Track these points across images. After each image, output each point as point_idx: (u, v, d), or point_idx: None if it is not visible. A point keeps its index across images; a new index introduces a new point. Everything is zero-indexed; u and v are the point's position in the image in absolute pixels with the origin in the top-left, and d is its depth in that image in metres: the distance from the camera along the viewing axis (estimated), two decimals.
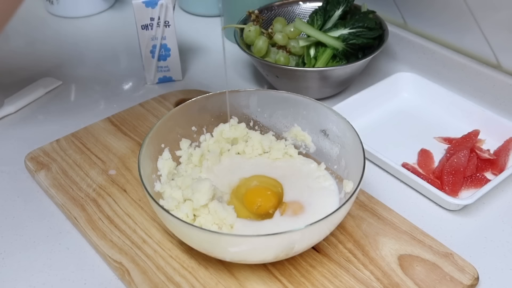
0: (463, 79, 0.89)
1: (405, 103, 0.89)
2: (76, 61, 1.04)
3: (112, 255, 0.64)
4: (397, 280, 0.61)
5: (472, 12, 0.85)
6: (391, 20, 0.98)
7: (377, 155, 0.76)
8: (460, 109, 0.84)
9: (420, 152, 0.79)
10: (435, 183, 0.72)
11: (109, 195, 0.72)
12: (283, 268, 0.62)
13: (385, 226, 0.67)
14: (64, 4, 1.15)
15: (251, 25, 0.91)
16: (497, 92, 0.85)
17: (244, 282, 0.61)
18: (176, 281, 0.61)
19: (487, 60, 0.87)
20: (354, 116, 0.74)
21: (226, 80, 0.83)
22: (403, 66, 0.96)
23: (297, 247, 0.58)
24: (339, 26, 0.88)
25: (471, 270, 0.62)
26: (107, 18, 1.18)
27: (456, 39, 0.91)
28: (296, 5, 0.99)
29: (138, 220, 0.69)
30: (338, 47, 0.87)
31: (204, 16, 1.16)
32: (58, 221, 0.71)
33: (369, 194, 0.71)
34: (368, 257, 0.63)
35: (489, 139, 0.80)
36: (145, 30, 0.90)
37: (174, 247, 0.65)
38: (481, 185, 0.72)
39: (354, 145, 0.65)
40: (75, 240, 0.68)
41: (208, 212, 0.62)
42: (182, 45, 1.05)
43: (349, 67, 0.85)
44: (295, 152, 0.73)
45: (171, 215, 0.57)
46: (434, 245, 0.64)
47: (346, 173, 0.67)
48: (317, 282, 0.61)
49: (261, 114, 0.74)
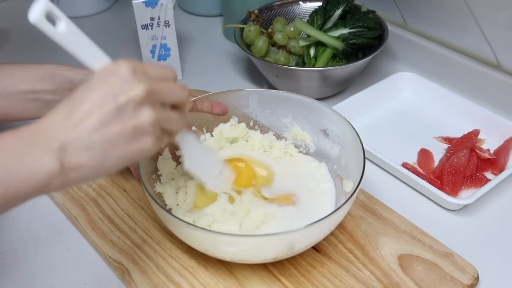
0: (463, 79, 0.89)
1: (405, 103, 0.89)
2: (76, 61, 1.04)
3: (112, 255, 0.64)
4: (397, 280, 0.61)
5: (472, 11, 0.85)
6: (391, 20, 0.98)
7: (377, 155, 0.76)
8: (460, 109, 0.84)
9: (420, 152, 0.79)
10: (435, 183, 0.72)
11: (109, 195, 0.72)
12: (283, 268, 0.62)
13: (385, 226, 0.67)
14: (64, 4, 1.15)
15: (251, 25, 0.91)
16: (497, 92, 0.85)
17: (244, 282, 0.61)
18: (176, 281, 0.61)
19: (487, 60, 0.87)
20: (354, 116, 0.74)
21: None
22: (403, 66, 0.96)
23: (297, 247, 0.58)
24: (339, 25, 0.88)
25: (471, 270, 0.62)
26: (107, 18, 1.18)
27: (456, 38, 0.91)
28: (296, 5, 0.99)
29: (138, 220, 0.69)
30: (338, 46, 0.87)
31: (204, 16, 1.16)
32: (58, 221, 0.70)
33: (369, 194, 0.71)
34: (368, 256, 0.63)
35: (489, 139, 0.80)
36: (145, 30, 0.90)
37: (174, 247, 0.65)
38: (481, 184, 0.72)
39: (354, 145, 0.65)
40: (75, 240, 0.68)
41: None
42: (182, 45, 1.05)
43: (349, 67, 0.85)
44: (295, 151, 0.73)
45: (171, 215, 0.57)
46: (434, 245, 0.64)
47: (346, 172, 0.67)
48: (317, 281, 0.61)
49: (261, 113, 0.74)
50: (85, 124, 0.45)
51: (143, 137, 0.47)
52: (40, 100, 0.67)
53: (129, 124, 0.46)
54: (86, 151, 0.45)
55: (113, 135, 0.46)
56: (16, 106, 0.67)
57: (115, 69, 0.47)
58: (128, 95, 0.46)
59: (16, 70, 0.68)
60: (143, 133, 0.47)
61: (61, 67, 0.68)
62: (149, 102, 0.47)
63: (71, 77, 0.67)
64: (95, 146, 0.45)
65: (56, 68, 0.68)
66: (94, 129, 0.45)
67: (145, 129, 0.47)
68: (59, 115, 0.46)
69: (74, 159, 0.45)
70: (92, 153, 0.45)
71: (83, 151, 0.45)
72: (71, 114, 0.45)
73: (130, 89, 0.46)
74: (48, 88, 0.67)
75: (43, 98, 0.67)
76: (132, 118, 0.46)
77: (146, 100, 0.47)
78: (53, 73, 0.67)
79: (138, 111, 0.46)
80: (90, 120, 0.45)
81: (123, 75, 0.46)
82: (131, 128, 0.46)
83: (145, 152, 0.48)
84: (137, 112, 0.46)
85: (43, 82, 0.67)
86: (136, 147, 0.47)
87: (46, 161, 0.44)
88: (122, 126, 0.46)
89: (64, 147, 0.44)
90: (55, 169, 0.44)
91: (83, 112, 0.45)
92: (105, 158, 0.46)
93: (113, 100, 0.46)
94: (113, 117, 0.46)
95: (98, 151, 0.45)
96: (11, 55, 1.06)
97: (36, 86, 0.67)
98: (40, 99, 0.67)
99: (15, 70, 0.68)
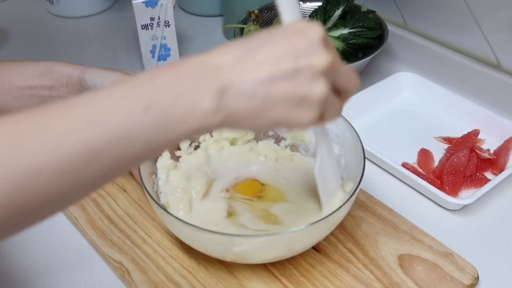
0: (463, 79, 0.89)
1: (405, 103, 0.89)
2: (76, 61, 1.04)
3: (112, 255, 0.64)
4: (397, 280, 0.61)
5: (472, 11, 0.85)
6: (391, 20, 0.98)
7: (377, 155, 0.76)
8: (460, 109, 0.84)
9: (420, 152, 0.79)
10: (435, 183, 0.72)
11: (109, 195, 0.72)
12: (283, 268, 0.62)
13: (385, 226, 0.67)
14: (64, 4, 1.15)
15: (251, 25, 0.91)
16: (497, 92, 0.85)
17: (244, 282, 0.61)
18: (176, 281, 0.61)
19: (487, 60, 0.87)
20: (354, 116, 0.74)
21: None
22: (403, 66, 0.96)
23: (297, 247, 0.58)
24: (339, 25, 0.88)
25: (471, 270, 0.62)
26: (107, 18, 1.18)
27: (456, 39, 0.91)
28: None
29: (138, 220, 0.69)
30: (338, 46, 0.87)
31: (204, 16, 1.16)
32: (58, 221, 0.70)
33: (369, 194, 0.71)
34: (368, 256, 0.63)
35: (489, 139, 0.80)
36: (145, 30, 0.90)
37: (174, 247, 0.65)
38: (481, 184, 0.72)
39: (354, 144, 0.65)
40: (75, 240, 0.68)
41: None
42: (182, 45, 1.05)
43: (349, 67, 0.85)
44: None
45: (171, 215, 0.57)
46: (434, 245, 0.64)
47: (346, 172, 0.67)
48: (317, 281, 0.61)
49: None
50: (255, 72, 0.42)
51: (306, 109, 0.43)
52: (37, 96, 0.67)
53: (300, 89, 0.43)
54: (245, 99, 0.42)
55: (279, 94, 0.42)
56: (12, 102, 0.67)
57: (305, 28, 0.44)
58: (311, 60, 0.43)
59: (14, 66, 0.68)
60: (309, 105, 0.43)
61: (58, 63, 0.68)
62: (327, 77, 0.44)
63: (68, 73, 0.67)
64: (257, 98, 0.42)
65: (54, 64, 0.68)
66: (263, 81, 0.42)
67: (312, 101, 0.43)
68: (227, 55, 0.43)
69: (231, 104, 0.42)
70: (250, 104, 0.42)
71: (243, 99, 0.42)
72: (243, 58, 0.42)
73: (315, 55, 0.43)
74: (46, 84, 0.67)
75: (40, 94, 0.67)
76: (305, 85, 0.43)
77: (326, 73, 0.43)
78: (51, 69, 0.67)
79: (314, 81, 0.43)
80: (261, 70, 0.42)
81: (312, 38, 0.43)
82: (299, 95, 0.43)
83: (300, 125, 0.44)
84: (312, 81, 0.43)
85: (41, 78, 0.67)
86: (295, 115, 0.43)
87: (203, 101, 0.41)
88: (292, 89, 0.42)
89: (226, 90, 0.41)
90: (211, 111, 0.41)
91: (257, 60, 0.42)
92: (261, 114, 0.43)
93: (293, 59, 0.42)
94: (286, 76, 0.42)
95: (258, 104, 0.42)
96: (10, 55, 1.06)
97: (34, 82, 0.66)
98: (37, 95, 0.67)
99: (13, 67, 0.68)
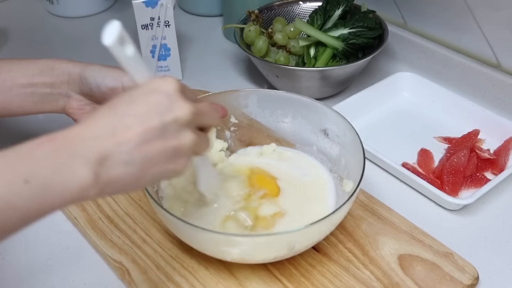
0: (463, 79, 0.89)
1: (405, 103, 0.89)
2: (75, 58, 1.04)
3: (112, 255, 0.64)
4: (397, 280, 0.61)
5: (472, 11, 0.85)
6: (391, 20, 0.98)
7: (377, 155, 0.76)
8: (460, 109, 0.84)
9: (420, 152, 0.79)
10: (435, 183, 0.72)
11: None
12: (283, 268, 0.62)
13: (385, 226, 0.67)
14: (64, 4, 1.15)
15: (251, 25, 0.91)
16: (497, 92, 0.85)
17: (244, 282, 0.61)
18: (176, 281, 0.61)
19: (487, 60, 0.87)
20: (354, 116, 0.74)
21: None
22: (403, 66, 0.96)
23: (297, 247, 0.58)
24: (339, 25, 0.88)
25: (471, 270, 0.62)
26: (107, 18, 1.16)
27: (456, 39, 0.91)
28: (296, 5, 0.99)
29: (138, 220, 0.69)
30: (338, 46, 0.87)
31: (204, 16, 1.16)
32: (58, 221, 0.70)
33: (369, 194, 0.71)
34: (368, 256, 0.63)
35: (489, 139, 0.80)
36: (145, 30, 0.90)
37: (174, 247, 0.65)
38: (481, 184, 0.72)
39: (354, 144, 0.65)
40: (75, 240, 0.68)
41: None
42: (182, 45, 1.05)
43: (349, 67, 0.85)
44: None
45: (171, 215, 0.57)
46: (434, 245, 0.64)
47: (346, 172, 0.67)
48: (317, 281, 0.61)
49: (260, 113, 0.74)
50: (128, 139, 0.43)
51: (179, 159, 0.47)
52: (38, 93, 0.67)
53: (171, 144, 0.45)
54: (125, 166, 0.44)
55: (154, 153, 0.45)
56: (13, 100, 0.67)
57: (159, 85, 0.46)
58: (174, 114, 0.45)
59: (14, 64, 0.68)
60: (182, 154, 0.47)
61: (59, 61, 0.68)
62: (192, 124, 0.47)
63: (69, 70, 0.67)
64: (135, 162, 0.44)
65: (55, 61, 0.68)
66: (136, 145, 0.44)
67: (183, 151, 0.46)
68: (99, 126, 0.44)
69: (111, 173, 0.43)
70: (130, 169, 0.44)
71: (122, 166, 0.43)
72: (114, 127, 0.44)
73: (177, 109, 0.45)
74: (47, 81, 0.67)
75: (40, 91, 0.67)
76: (175, 139, 0.45)
77: (190, 121, 0.46)
78: (52, 66, 0.67)
79: (181, 132, 0.46)
80: (133, 136, 0.44)
81: (170, 93, 0.45)
82: (172, 149, 0.45)
83: (177, 173, 0.48)
84: (179, 133, 0.46)
85: (42, 75, 0.67)
86: (171, 167, 0.47)
87: (81, 173, 0.42)
88: (164, 145, 0.45)
89: (103, 160, 0.43)
90: (90, 182, 0.42)
91: (127, 126, 0.44)
92: (142, 175, 0.45)
93: (159, 117, 0.45)
94: (157, 135, 0.44)
95: (137, 168, 0.44)
96: (10, 55, 1.06)
97: (34, 79, 0.67)
98: (38, 93, 0.67)
99: (14, 64, 0.68)
